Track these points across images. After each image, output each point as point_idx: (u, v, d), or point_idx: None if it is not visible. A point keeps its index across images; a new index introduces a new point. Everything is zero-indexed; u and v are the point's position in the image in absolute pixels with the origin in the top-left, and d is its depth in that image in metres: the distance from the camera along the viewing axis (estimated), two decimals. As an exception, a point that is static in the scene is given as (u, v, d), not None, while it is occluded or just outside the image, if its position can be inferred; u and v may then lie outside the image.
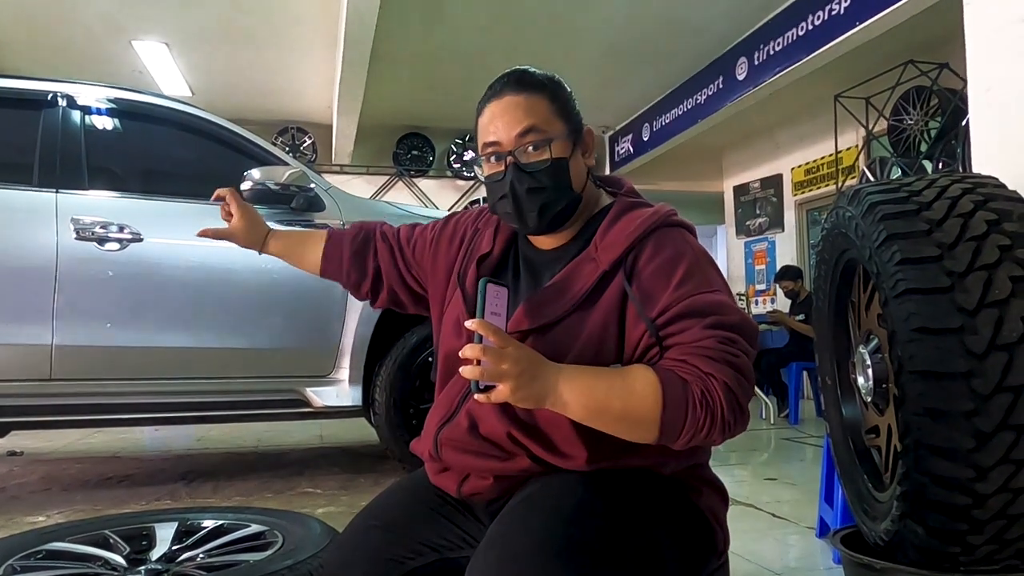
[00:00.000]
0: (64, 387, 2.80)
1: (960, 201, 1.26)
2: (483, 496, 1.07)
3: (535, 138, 1.08)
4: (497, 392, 0.89)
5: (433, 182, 8.79)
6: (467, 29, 5.82)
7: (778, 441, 4.92)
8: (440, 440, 1.10)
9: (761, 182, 8.51)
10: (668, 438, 0.93)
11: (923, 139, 5.78)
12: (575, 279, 1.06)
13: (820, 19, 4.99)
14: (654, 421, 0.92)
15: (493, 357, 0.87)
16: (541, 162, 1.09)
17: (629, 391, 0.93)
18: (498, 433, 1.04)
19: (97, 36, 5.83)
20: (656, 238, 1.07)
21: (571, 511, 0.94)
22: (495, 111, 1.11)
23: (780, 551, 2.38)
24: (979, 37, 1.91)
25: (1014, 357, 1.13)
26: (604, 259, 1.06)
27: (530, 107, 1.09)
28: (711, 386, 0.92)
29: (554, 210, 1.10)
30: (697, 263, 1.05)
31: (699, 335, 0.96)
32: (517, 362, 0.89)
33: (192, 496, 3.13)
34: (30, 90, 3.02)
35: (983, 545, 1.19)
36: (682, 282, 1.01)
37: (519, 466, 1.04)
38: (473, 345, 0.88)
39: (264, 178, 2.98)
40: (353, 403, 3.11)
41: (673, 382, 0.92)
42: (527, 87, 1.11)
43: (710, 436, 0.93)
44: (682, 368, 0.94)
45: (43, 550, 1.68)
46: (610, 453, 1.01)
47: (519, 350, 0.90)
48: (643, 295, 1.01)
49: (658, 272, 1.02)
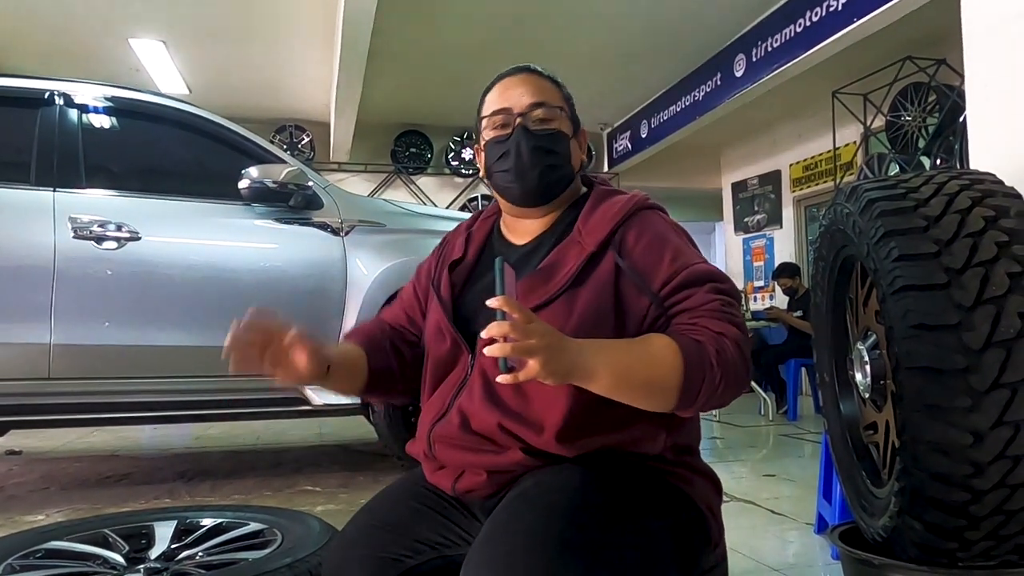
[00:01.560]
0: (62, 386, 2.80)
1: (957, 197, 1.26)
2: (478, 493, 1.08)
3: (545, 112, 1.16)
4: (528, 368, 0.86)
5: (431, 179, 8.79)
6: (465, 27, 5.81)
7: (777, 437, 4.93)
8: (433, 438, 1.11)
9: (759, 179, 8.51)
10: (685, 402, 0.95)
11: (921, 135, 5.79)
12: (562, 262, 1.09)
13: (818, 15, 4.99)
14: (676, 386, 0.94)
15: (521, 333, 0.85)
16: (548, 129, 1.16)
17: (651, 357, 0.95)
18: (489, 425, 1.05)
19: (94, 33, 5.82)
20: (639, 219, 1.12)
21: (566, 505, 0.94)
22: (508, 84, 1.18)
23: (779, 547, 2.38)
24: (976, 33, 1.91)
25: (1011, 353, 1.13)
26: (590, 241, 1.09)
27: (542, 86, 1.18)
28: (724, 344, 0.96)
29: (551, 176, 1.15)
30: (682, 239, 1.11)
31: (703, 299, 1.01)
32: (543, 336, 0.87)
33: (191, 494, 3.13)
34: (28, 88, 3.02)
35: (980, 541, 1.20)
36: (676, 256, 1.06)
37: (512, 459, 1.04)
38: (500, 322, 0.84)
39: (262, 176, 2.99)
40: (352, 401, 3.11)
41: (689, 344, 0.96)
42: (539, 74, 1.20)
43: (724, 395, 0.97)
44: (694, 331, 0.98)
45: (42, 549, 1.68)
46: (599, 436, 1.03)
47: (544, 325, 0.88)
48: (640, 271, 1.06)
49: (649, 249, 1.07)
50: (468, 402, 1.08)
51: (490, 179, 1.21)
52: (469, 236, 1.27)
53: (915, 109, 5.78)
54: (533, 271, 1.11)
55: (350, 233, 3.18)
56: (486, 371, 1.07)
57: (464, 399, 1.09)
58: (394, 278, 3.15)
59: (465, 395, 1.09)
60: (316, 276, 3.11)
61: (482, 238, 1.26)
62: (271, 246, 3.11)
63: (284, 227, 3.10)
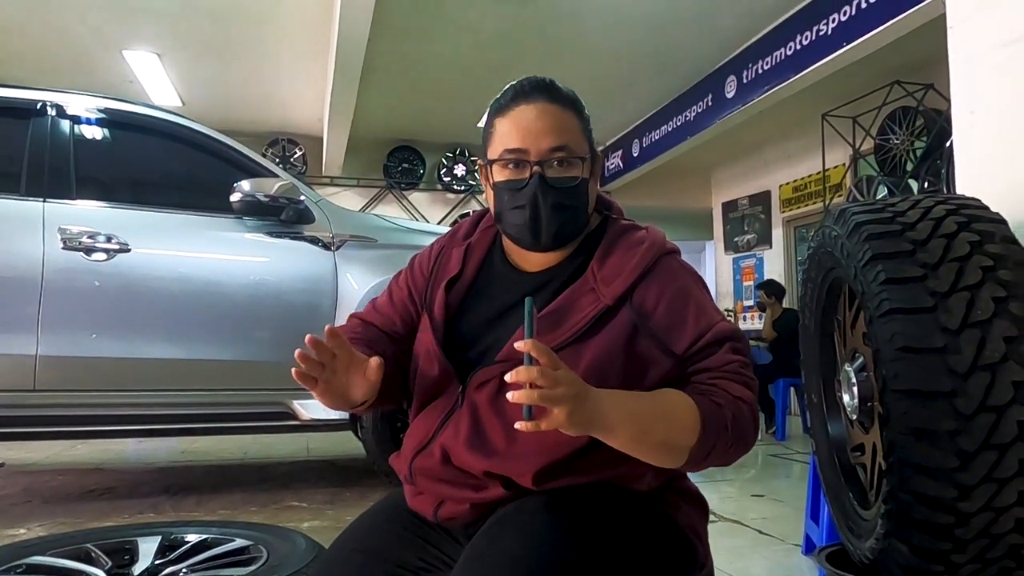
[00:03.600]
0: (48, 398, 2.78)
1: (944, 222, 1.28)
2: (459, 520, 1.06)
3: (566, 155, 1.05)
4: (552, 418, 0.82)
5: (423, 195, 8.82)
6: (459, 44, 5.86)
7: (765, 457, 4.94)
8: (414, 469, 1.09)
9: (749, 199, 8.57)
10: (693, 462, 0.95)
11: (909, 158, 5.85)
12: (574, 309, 1.04)
13: (808, 39, 5.06)
14: (689, 447, 0.93)
15: (549, 381, 0.81)
16: (569, 179, 1.05)
17: (672, 417, 0.93)
18: (472, 468, 1.03)
19: (88, 46, 5.83)
20: (659, 271, 1.07)
21: (545, 531, 0.93)
22: (526, 116, 1.04)
23: (766, 568, 2.38)
24: (963, 61, 1.94)
25: (996, 377, 1.14)
26: (607, 293, 1.04)
27: (563, 121, 1.05)
28: (740, 409, 0.96)
29: (569, 231, 1.08)
30: (702, 292, 1.08)
31: (724, 359, 1.00)
32: (571, 385, 0.83)
33: (176, 509, 3.10)
34: (19, 99, 3.01)
35: (966, 564, 1.20)
36: (699, 315, 1.04)
37: (494, 495, 1.02)
38: (529, 368, 0.80)
39: (254, 189, 2.99)
40: (340, 417, 3.10)
41: (709, 408, 0.94)
42: (560, 99, 1.07)
43: (730, 456, 0.97)
44: (714, 393, 0.97)
45: (24, 564, 1.66)
46: (584, 475, 1.01)
47: (571, 373, 0.85)
48: (664, 333, 1.03)
49: (671, 308, 1.04)
50: (453, 441, 1.04)
51: (499, 221, 1.11)
52: (468, 249, 1.17)
53: (903, 133, 5.85)
54: (541, 313, 1.03)
55: (341, 248, 3.18)
56: (477, 409, 1.04)
57: (448, 436, 1.05)
58: (384, 293, 3.16)
59: (450, 431, 1.05)
60: (306, 290, 3.11)
61: (482, 254, 1.17)
62: (262, 260, 3.11)
63: (275, 241, 3.10)
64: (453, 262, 1.16)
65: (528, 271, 1.13)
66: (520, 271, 1.14)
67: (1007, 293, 1.18)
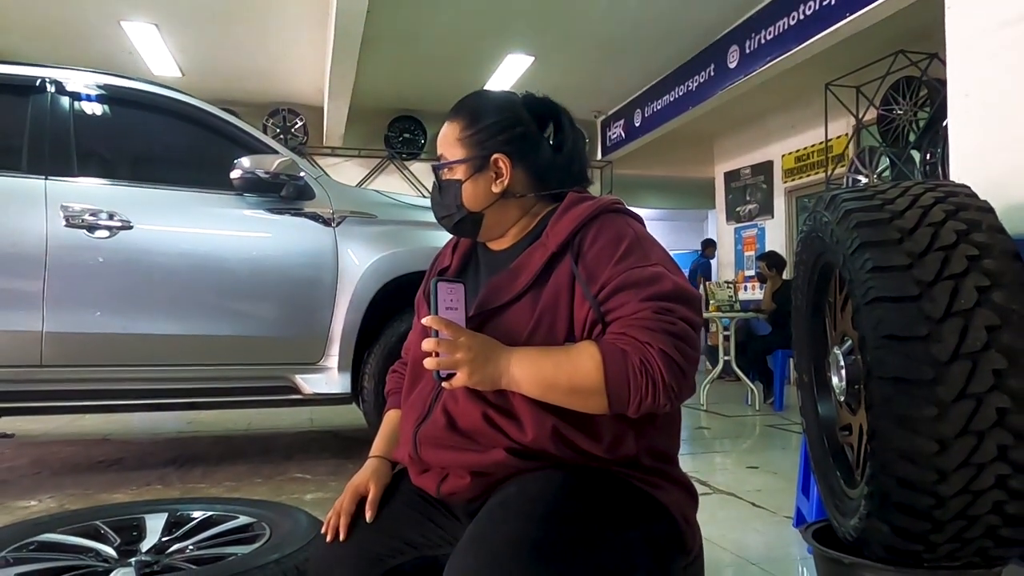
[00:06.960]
0: (54, 373, 2.83)
1: (932, 210, 1.29)
2: (462, 495, 1.11)
3: (443, 161, 1.24)
4: (456, 378, 1.01)
5: (425, 165, 8.77)
6: (459, 12, 5.80)
7: (763, 428, 5.00)
8: (419, 439, 1.15)
9: (752, 169, 8.54)
10: (618, 406, 1.01)
11: (912, 129, 5.82)
12: (527, 264, 1.14)
13: (812, 8, 5.00)
14: (600, 392, 1.00)
15: (448, 347, 1.00)
16: (445, 181, 1.24)
17: (574, 366, 1.02)
18: (475, 419, 1.09)
19: (87, 16, 5.77)
20: (600, 222, 1.14)
21: (546, 513, 0.98)
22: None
23: (759, 540, 2.44)
24: (960, 40, 1.93)
25: (977, 365, 1.16)
26: (552, 242, 1.13)
27: (445, 135, 1.25)
28: (649, 354, 0.99)
29: (452, 220, 1.24)
30: (637, 241, 1.11)
31: (636, 308, 1.03)
32: (469, 349, 1.01)
33: (182, 480, 3.17)
34: (19, 75, 3.01)
35: (944, 544, 1.24)
36: (621, 258, 1.08)
37: (494, 459, 1.08)
38: (429, 339, 1.01)
39: (254, 166, 3.00)
40: (342, 390, 3.14)
41: (613, 354, 1.00)
42: (453, 112, 1.26)
43: (656, 401, 1.00)
44: (622, 340, 1.01)
45: (35, 541, 1.71)
46: (572, 432, 1.07)
47: (471, 339, 1.03)
48: (588, 274, 1.09)
49: (601, 252, 1.09)
50: (452, 401, 1.12)
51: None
52: (456, 243, 1.33)
53: (906, 103, 5.81)
54: (504, 271, 1.17)
55: (341, 224, 3.20)
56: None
57: (447, 398, 1.13)
58: (384, 269, 3.18)
59: (449, 394, 1.13)
60: (307, 266, 3.13)
61: (467, 245, 1.32)
62: (263, 236, 3.13)
63: (276, 217, 3.12)
64: (445, 256, 1.33)
65: (498, 250, 1.26)
66: (494, 253, 1.26)
67: (991, 282, 1.20)
